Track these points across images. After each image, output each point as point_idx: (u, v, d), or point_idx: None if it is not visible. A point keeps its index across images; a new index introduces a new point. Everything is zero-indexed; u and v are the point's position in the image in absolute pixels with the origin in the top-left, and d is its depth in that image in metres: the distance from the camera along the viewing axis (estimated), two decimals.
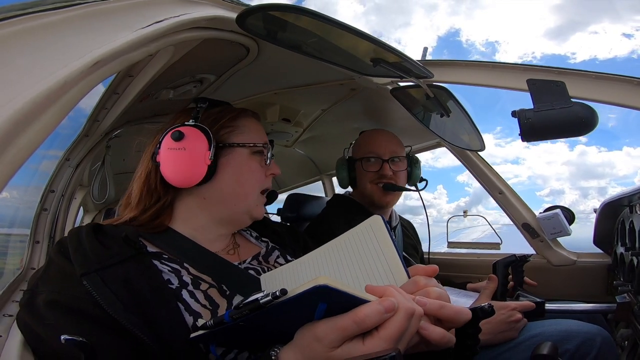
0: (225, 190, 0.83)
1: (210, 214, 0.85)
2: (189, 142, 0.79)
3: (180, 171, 0.79)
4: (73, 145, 1.24)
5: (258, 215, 0.89)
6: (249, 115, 0.92)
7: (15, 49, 0.44)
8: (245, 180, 0.85)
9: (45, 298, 0.62)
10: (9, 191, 1.27)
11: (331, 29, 0.83)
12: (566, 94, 0.86)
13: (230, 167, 0.84)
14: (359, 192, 1.56)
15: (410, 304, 0.49)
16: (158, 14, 0.65)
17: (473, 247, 2.35)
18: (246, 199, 0.86)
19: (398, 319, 0.47)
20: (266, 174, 0.90)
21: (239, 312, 0.48)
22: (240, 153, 0.85)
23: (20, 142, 0.43)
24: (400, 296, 0.49)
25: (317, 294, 0.44)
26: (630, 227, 1.26)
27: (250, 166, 0.86)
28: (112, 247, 0.70)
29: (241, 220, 0.89)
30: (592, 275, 1.59)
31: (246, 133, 0.87)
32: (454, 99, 1.21)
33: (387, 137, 1.55)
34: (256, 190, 0.88)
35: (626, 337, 1.25)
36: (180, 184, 0.80)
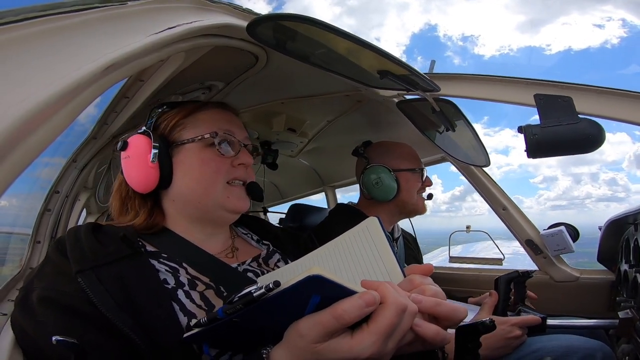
0: (184, 190, 0.82)
1: (186, 215, 0.84)
2: (131, 149, 0.81)
3: (131, 178, 0.82)
4: (81, 147, 1.25)
5: (234, 207, 0.84)
6: (209, 108, 0.88)
7: (31, 50, 0.44)
8: (199, 176, 0.81)
9: (38, 294, 0.61)
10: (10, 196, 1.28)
11: (340, 40, 0.83)
12: (573, 110, 0.86)
13: (183, 165, 0.82)
14: (400, 202, 1.52)
15: (402, 299, 0.48)
16: (171, 20, 0.66)
17: (475, 262, 2.34)
18: (208, 194, 0.81)
19: (388, 314, 0.46)
20: (233, 164, 0.84)
21: (232, 306, 0.47)
22: (190, 149, 0.82)
23: (29, 143, 0.43)
24: (393, 292, 0.48)
25: (310, 285, 0.43)
26: (635, 244, 1.25)
27: (202, 160, 0.82)
28: (110, 246, 0.69)
29: (218, 216, 0.85)
30: (594, 291, 1.57)
31: (197, 127, 0.83)
32: (460, 113, 1.22)
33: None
34: (218, 182, 0.82)
35: (627, 352, 1.23)
36: (140, 190, 0.82)
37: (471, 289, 1.84)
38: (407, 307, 0.48)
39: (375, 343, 0.45)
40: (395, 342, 0.48)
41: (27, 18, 0.44)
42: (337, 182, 2.74)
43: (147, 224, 0.81)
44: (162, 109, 0.87)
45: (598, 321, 1.27)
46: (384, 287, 0.49)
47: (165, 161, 0.80)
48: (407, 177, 1.51)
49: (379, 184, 1.49)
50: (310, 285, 0.43)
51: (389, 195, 1.48)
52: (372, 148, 1.60)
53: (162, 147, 0.81)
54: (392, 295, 0.48)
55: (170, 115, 0.85)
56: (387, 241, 0.65)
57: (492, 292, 1.28)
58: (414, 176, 1.52)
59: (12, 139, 0.40)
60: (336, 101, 1.49)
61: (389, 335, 0.47)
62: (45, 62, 0.45)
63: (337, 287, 0.45)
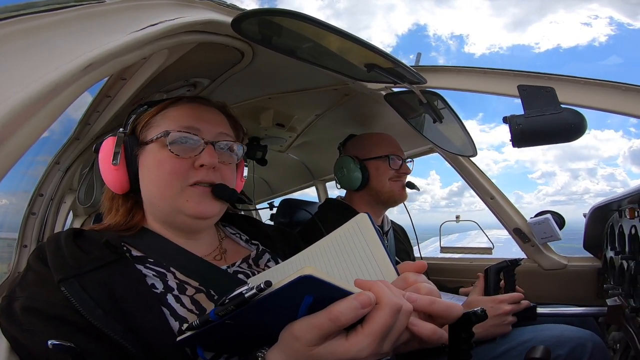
0: (146, 192, 0.80)
1: (156, 218, 0.82)
2: (102, 151, 0.81)
3: (105, 179, 0.81)
4: (63, 149, 1.22)
5: (193, 211, 0.77)
6: (179, 104, 0.83)
7: (7, 51, 0.43)
8: (155, 178, 0.77)
9: (21, 304, 0.60)
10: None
11: (326, 34, 0.83)
12: (556, 100, 0.87)
13: (144, 166, 0.79)
14: (372, 191, 1.55)
15: (396, 299, 0.48)
16: (153, 17, 0.65)
17: (465, 252, 2.37)
18: (165, 198, 0.77)
19: (383, 315, 0.46)
20: (194, 165, 0.77)
21: (224, 308, 0.46)
22: (150, 149, 0.78)
23: (8, 145, 0.42)
24: (387, 291, 0.48)
25: (302, 285, 0.42)
26: (619, 231, 1.28)
27: (158, 161, 0.77)
28: (92, 252, 0.68)
29: (181, 222, 0.79)
30: (582, 279, 1.61)
31: (160, 126, 0.79)
32: (447, 104, 1.23)
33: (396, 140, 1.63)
34: (175, 185, 0.76)
35: (618, 339, 1.26)
36: (115, 190, 0.81)
37: (462, 278, 1.87)
38: (402, 307, 0.48)
39: (370, 345, 0.45)
40: (391, 343, 0.48)
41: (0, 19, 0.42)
42: (328, 176, 2.74)
43: (126, 224, 0.80)
44: (142, 109, 0.84)
45: (587, 309, 1.30)
46: (378, 286, 0.48)
47: (131, 162, 0.79)
48: (376, 165, 1.54)
49: (343, 174, 1.55)
50: (302, 285, 0.42)
51: (355, 184, 1.53)
52: (349, 141, 1.65)
53: (128, 148, 0.79)
54: (386, 295, 0.47)
55: (145, 115, 0.83)
56: (378, 238, 0.65)
57: (480, 274, 1.30)
58: (383, 164, 1.54)
59: None
60: (324, 95, 1.49)
61: (384, 336, 0.46)
62: (21, 63, 0.44)
63: (330, 287, 0.44)
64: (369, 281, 0.51)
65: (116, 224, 0.80)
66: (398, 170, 1.55)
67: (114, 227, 0.80)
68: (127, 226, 0.80)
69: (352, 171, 1.52)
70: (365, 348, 0.45)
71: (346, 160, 1.55)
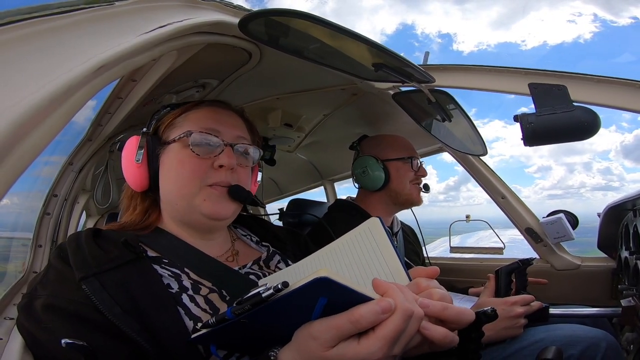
0: (165, 190, 0.82)
1: (172, 217, 0.84)
2: (126, 149, 0.83)
3: (126, 177, 0.83)
4: (76, 150, 1.24)
5: (209, 211, 0.78)
6: (202, 106, 0.86)
7: (20, 52, 0.44)
8: (175, 177, 0.79)
9: (43, 302, 0.62)
10: (12, 196, 1.28)
11: (333, 34, 0.83)
12: (568, 98, 0.86)
13: (165, 165, 0.81)
14: (391, 192, 1.54)
15: (409, 304, 0.48)
16: (162, 19, 0.65)
17: (476, 252, 2.35)
18: (183, 197, 0.79)
19: (395, 320, 0.46)
20: (213, 166, 0.79)
21: (241, 307, 0.47)
22: (171, 149, 0.81)
23: (23, 146, 0.43)
24: (400, 296, 0.48)
25: (318, 287, 0.43)
26: (634, 231, 1.25)
27: (180, 161, 0.79)
28: (112, 251, 0.69)
29: (196, 220, 0.81)
30: (596, 279, 1.58)
31: (183, 126, 0.82)
32: (456, 103, 1.21)
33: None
34: (193, 185, 0.78)
35: (632, 340, 1.24)
36: (135, 188, 0.83)
37: (472, 279, 1.85)
38: (414, 313, 0.48)
39: (382, 348, 0.45)
40: (401, 347, 0.49)
41: (13, 21, 0.43)
42: (336, 176, 2.74)
43: (141, 223, 0.82)
44: (165, 110, 0.87)
45: (601, 310, 1.27)
46: (393, 290, 0.49)
47: (153, 161, 0.81)
48: (397, 166, 1.53)
49: (365, 173, 1.52)
50: (318, 287, 0.43)
51: (377, 184, 1.51)
52: (364, 141, 1.63)
53: (151, 147, 0.81)
54: (400, 300, 0.47)
55: (168, 116, 0.86)
56: (390, 243, 0.65)
57: (490, 275, 1.28)
58: (404, 165, 1.53)
59: (5, 144, 0.39)
60: (332, 95, 1.48)
61: (395, 340, 0.47)
62: (35, 65, 0.45)
63: (346, 290, 0.45)
64: (386, 283, 0.51)
65: (132, 222, 0.82)
66: (417, 173, 1.55)
67: (130, 226, 0.81)
68: (142, 225, 0.82)
69: (375, 171, 1.51)
70: (376, 352, 0.45)
71: (369, 160, 1.52)
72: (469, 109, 1.33)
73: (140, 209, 0.84)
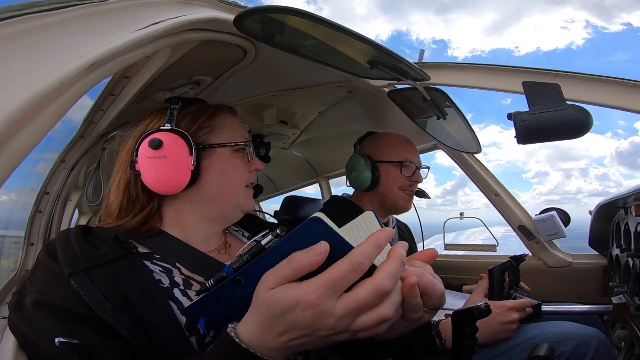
0: (212, 192, 0.83)
1: (200, 215, 0.84)
2: (168, 149, 0.76)
3: (164, 179, 0.77)
4: (69, 147, 1.23)
5: (249, 208, 0.91)
6: (225, 112, 0.90)
7: (11, 50, 0.43)
8: (230, 180, 0.85)
9: (32, 299, 0.61)
10: (4, 194, 1.26)
11: (329, 31, 0.83)
12: (561, 97, 0.87)
13: (214, 168, 0.82)
14: (380, 195, 1.51)
15: (364, 259, 0.46)
16: (156, 16, 0.65)
17: (470, 250, 2.37)
18: (234, 197, 0.86)
19: (341, 266, 0.45)
20: (250, 170, 0.90)
21: (240, 259, 0.49)
22: (222, 153, 0.84)
23: (15, 145, 0.43)
24: (366, 252, 0.46)
25: (313, 227, 0.45)
26: (625, 228, 1.27)
27: (233, 165, 0.86)
28: (102, 248, 0.69)
29: (233, 216, 0.90)
30: (588, 276, 1.60)
31: (226, 132, 0.86)
32: (451, 101, 1.22)
33: (414, 145, 1.56)
34: (242, 187, 0.88)
35: (623, 338, 1.26)
36: (166, 192, 0.79)
37: (466, 276, 1.87)
38: (364, 265, 0.46)
39: (316, 290, 0.44)
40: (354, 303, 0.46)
41: (3, 18, 0.42)
42: (331, 173, 2.74)
43: (144, 227, 0.79)
44: (179, 105, 0.83)
45: (593, 307, 1.29)
46: (364, 247, 0.47)
47: (197, 163, 0.79)
48: (387, 169, 1.49)
49: (354, 173, 1.51)
50: (314, 227, 0.45)
51: (364, 185, 1.48)
52: (367, 139, 1.61)
53: (196, 150, 0.79)
54: (359, 252, 0.46)
55: (190, 115, 0.83)
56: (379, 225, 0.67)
57: (483, 275, 1.30)
58: (395, 169, 1.48)
59: None
60: (327, 92, 1.48)
61: (335, 287, 0.45)
62: (26, 62, 0.44)
63: (335, 236, 0.46)
64: (368, 240, 0.48)
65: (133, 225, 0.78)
66: (410, 179, 1.49)
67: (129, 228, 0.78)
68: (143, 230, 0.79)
69: (362, 171, 1.48)
70: (310, 293, 0.45)
71: (358, 159, 1.50)
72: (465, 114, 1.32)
73: (142, 216, 0.80)
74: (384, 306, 0.47)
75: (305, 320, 0.45)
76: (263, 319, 0.48)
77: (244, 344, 0.48)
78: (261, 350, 0.48)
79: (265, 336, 0.48)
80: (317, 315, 0.45)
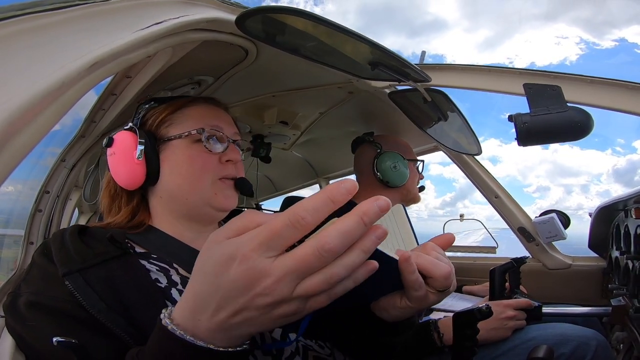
0: (170, 186, 0.81)
1: (173, 212, 0.83)
2: (117, 145, 0.81)
3: (118, 174, 0.81)
4: (69, 146, 1.23)
5: (220, 204, 0.82)
6: (197, 103, 0.87)
7: (12, 49, 0.43)
8: (186, 173, 0.81)
9: (26, 299, 0.60)
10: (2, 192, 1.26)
11: (330, 31, 0.83)
12: (562, 98, 0.87)
13: (169, 162, 0.81)
14: (405, 190, 1.60)
15: (303, 212, 0.37)
16: (157, 15, 0.65)
17: (469, 251, 2.37)
18: (195, 191, 0.80)
19: (277, 219, 0.37)
20: (221, 160, 0.83)
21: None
22: (177, 145, 0.81)
23: (15, 144, 0.42)
24: (305, 201, 0.38)
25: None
26: (625, 231, 1.27)
27: (189, 157, 0.81)
28: (97, 247, 0.68)
29: (204, 213, 0.83)
30: (587, 278, 1.60)
31: (185, 122, 0.83)
32: (452, 102, 1.22)
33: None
34: (205, 180, 0.81)
35: (621, 340, 1.26)
36: (127, 186, 0.81)
37: (466, 277, 1.87)
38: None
39: (251, 241, 0.37)
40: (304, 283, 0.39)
41: (5, 17, 0.42)
42: (331, 174, 2.74)
43: (131, 222, 0.81)
44: (150, 105, 0.86)
45: (592, 309, 1.29)
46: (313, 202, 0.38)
47: (152, 157, 0.80)
48: (411, 167, 1.60)
49: (397, 168, 1.54)
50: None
51: (403, 180, 1.55)
52: (380, 138, 1.64)
53: (148, 143, 0.80)
54: (298, 205, 0.38)
55: (157, 111, 0.84)
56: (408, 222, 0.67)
57: (486, 284, 1.31)
58: (414, 166, 1.63)
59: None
60: (328, 93, 1.48)
61: (270, 241, 0.37)
62: (28, 61, 0.44)
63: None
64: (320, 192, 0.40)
65: (119, 223, 0.80)
66: (420, 174, 1.68)
67: (117, 226, 0.80)
68: (131, 225, 0.81)
69: (404, 167, 1.55)
70: (247, 242, 0.38)
71: (396, 156, 1.55)
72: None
73: (127, 210, 0.82)
74: (336, 265, 0.38)
75: (239, 281, 0.37)
76: (196, 287, 0.42)
77: (172, 326, 0.42)
78: (195, 332, 0.41)
79: (198, 314, 0.41)
80: (251, 273, 0.37)
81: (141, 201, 0.85)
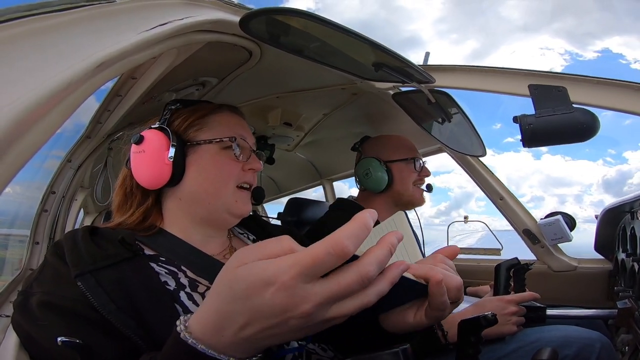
0: (194, 189, 0.82)
1: (190, 215, 0.84)
2: (147, 144, 0.80)
3: (143, 172, 0.81)
4: (75, 147, 1.24)
5: (239, 211, 0.85)
6: (224, 111, 0.89)
7: (20, 50, 0.44)
8: (213, 177, 0.83)
9: (38, 299, 0.61)
10: (9, 192, 1.27)
11: (334, 33, 0.83)
12: (567, 100, 0.86)
13: (197, 165, 0.82)
14: (395, 193, 1.53)
15: (346, 241, 0.37)
16: (162, 17, 0.65)
17: (473, 253, 2.36)
18: (219, 196, 0.83)
19: (319, 246, 0.37)
20: (243, 169, 0.86)
21: None
22: (207, 150, 0.83)
23: (22, 143, 0.43)
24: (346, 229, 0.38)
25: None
26: (631, 233, 1.26)
27: (218, 162, 0.83)
28: (108, 249, 0.69)
29: (222, 219, 0.85)
30: (593, 281, 1.58)
31: (215, 129, 0.85)
32: (456, 104, 1.22)
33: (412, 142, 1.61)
34: (229, 186, 0.84)
35: (626, 342, 1.24)
36: (149, 186, 0.81)
37: (470, 279, 1.85)
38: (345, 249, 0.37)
39: (292, 268, 0.37)
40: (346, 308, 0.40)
41: (12, 18, 0.43)
42: (335, 175, 2.74)
43: (143, 224, 0.81)
44: (176, 106, 0.86)
45: (597, 311, 1.27)
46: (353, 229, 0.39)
47: (179, 159, 0.80)
48: (400, 168, 1.51)
49: (368, 175, 1.51)
50: None
51: (380, 186, 1.50)
52: (367, 142, 1.62)
53: (179, 145, 0.81)
54: (339, 233, 0.38)
55: (185, 113, 0.85)
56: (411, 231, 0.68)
57: (491, 284, 1.29)
58: (407, 166, 1.52)
59: (3, 142, 0.39)
60: (332, 94, 1.48)
61: (312, 269, 0.37)
62: (35, 62, 0.44)
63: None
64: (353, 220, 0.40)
65: (130, 223, 0.81)
66: (420, 173, 1.54)
67: (127, 226, 0.80)
68: (142, 227, 0.81)
69: (378, 172, 1.50)
70: (288, 269, 0.37)
71: (372, 161, 1.51)
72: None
73: (140, 211, 0.83)
74: (369, 292, 0.40)
75: (276, 305, 0.37)
76: (221, 306, 0.41)
77: (193, 340, 0.42)
78: (216, 346, 0.41)
79: (223, 329, 0.41)
80: (291, 300, 0.37)
81: (155, 202, 0.85)
